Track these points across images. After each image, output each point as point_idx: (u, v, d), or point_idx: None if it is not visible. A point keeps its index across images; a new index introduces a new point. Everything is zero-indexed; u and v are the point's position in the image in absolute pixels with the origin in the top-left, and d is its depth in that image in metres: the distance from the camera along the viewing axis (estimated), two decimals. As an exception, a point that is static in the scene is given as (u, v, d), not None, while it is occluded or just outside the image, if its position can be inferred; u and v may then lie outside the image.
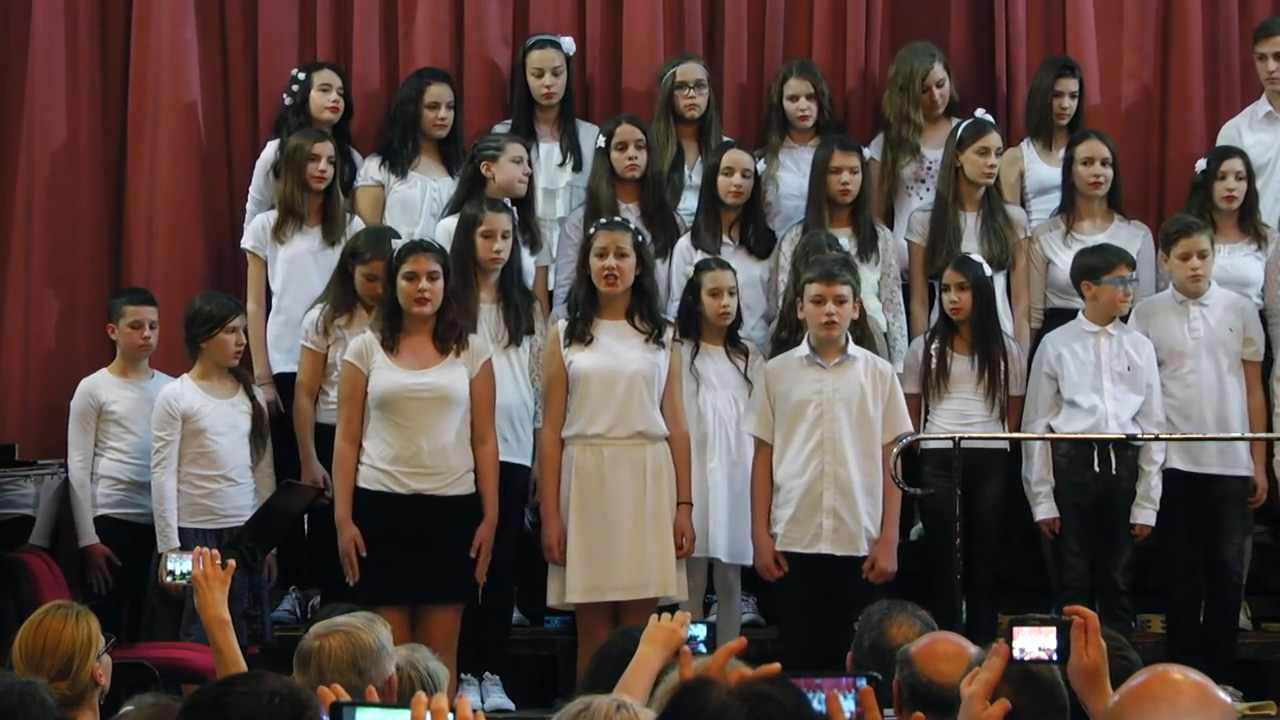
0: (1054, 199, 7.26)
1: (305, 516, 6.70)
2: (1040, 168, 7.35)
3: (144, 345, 6.72)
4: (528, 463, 6.64)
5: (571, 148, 7.30)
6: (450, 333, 6.26)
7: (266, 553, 6.45)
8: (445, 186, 7.20)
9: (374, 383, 6.23)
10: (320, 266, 6.89)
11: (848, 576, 6.25)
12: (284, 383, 6.86)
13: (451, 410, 6.22)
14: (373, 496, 6.21)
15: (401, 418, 6.21)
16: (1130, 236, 7.06)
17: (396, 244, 6.33)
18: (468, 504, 6.25)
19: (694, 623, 4.07)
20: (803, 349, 6.37)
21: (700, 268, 6.66)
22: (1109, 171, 7.06)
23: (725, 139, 7.25)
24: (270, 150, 7.21)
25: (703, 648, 4.03)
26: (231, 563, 4.45)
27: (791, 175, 7.28)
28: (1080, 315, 6.79)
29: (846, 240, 6.92)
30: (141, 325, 6.71)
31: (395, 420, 6.21)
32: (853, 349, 6.35)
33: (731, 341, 6.68)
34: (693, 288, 6.64)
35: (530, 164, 6.96)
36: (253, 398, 6.63)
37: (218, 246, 7.49)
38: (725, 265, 6.68)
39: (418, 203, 7.18)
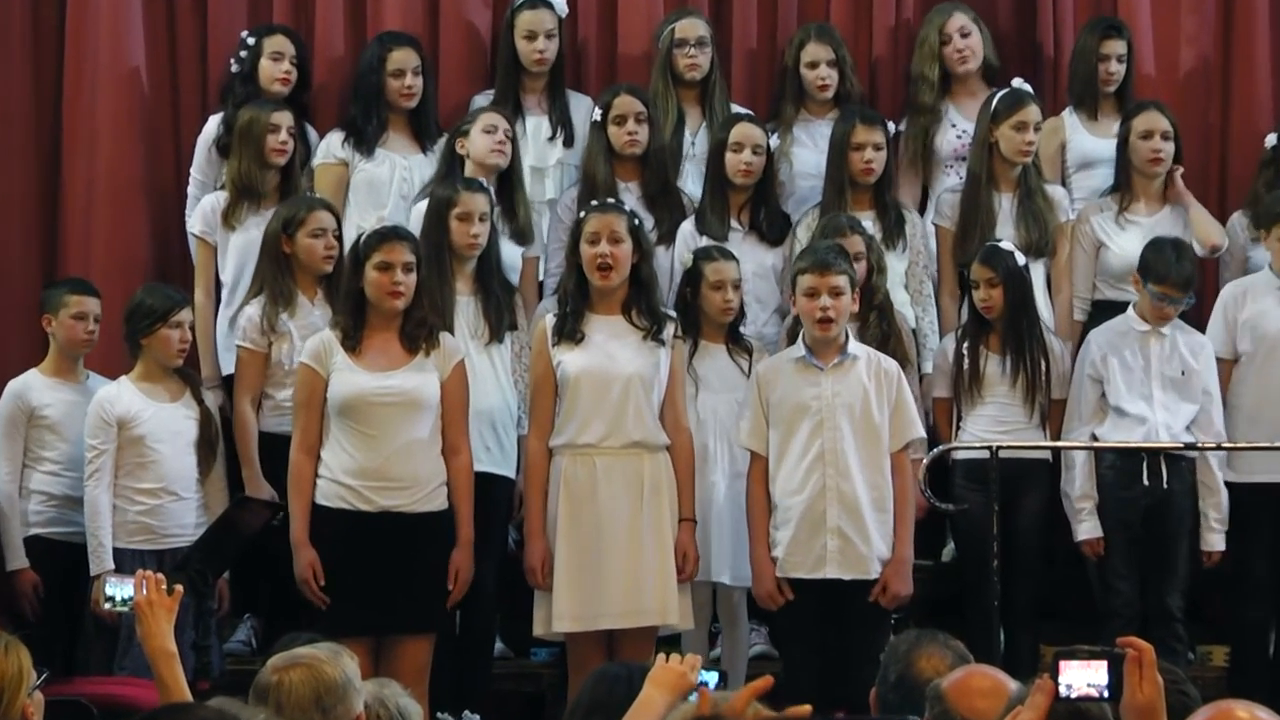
0: (1098, 174, 7.29)
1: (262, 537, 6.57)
2: (1083, 139, 7.36)
3: (88, 340, 6.73)
4: (511, 474, 6.65)
5: (562, 121, 7.31)
6: (419, 330, 6.26)
7: (218, 577, 6.45)
8: (417, 165, 7.22)
9: (334, 386, 6.22)
10: (278, 255, 6.89)
11: (858, 602, 6.24)
12: (232, 386, 6.83)
13: (421, 416, 6.22)
14: (333, 514, 6.21)
15: (365, 425, 6.20)
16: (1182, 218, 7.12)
17: (358, 228, 6.35)
18: (440, 521, 6.26)
19: (706, 669, 4.08)
20: (796, 349, 6.35)
21: (700, 257, 6.66)
22: (1170, 146, 7.08)
23: (735, 110, 7.27)
24: (212, 125, 7.23)
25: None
26: (179, 588, 4.46)
27: (808, 152, 7.28)
28: (1130, 310, 6.82)
29: (870, 224, 6.92)
30: (86, 317, 6.71)
31: (358, 428, 6.21)
32: (853, 346, 6.33)
33: (734, 339, 6.68)
34: (692, 279, 6.63)
35: (511, 134, 6.93)
36: (200, 401, 6.62)
37: (163, 232, 7.51)
38: (729, 255, 6.68)
39: (386, 183, 7.20)
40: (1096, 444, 6.66)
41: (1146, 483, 6.61)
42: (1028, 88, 7.14)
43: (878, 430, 6.26)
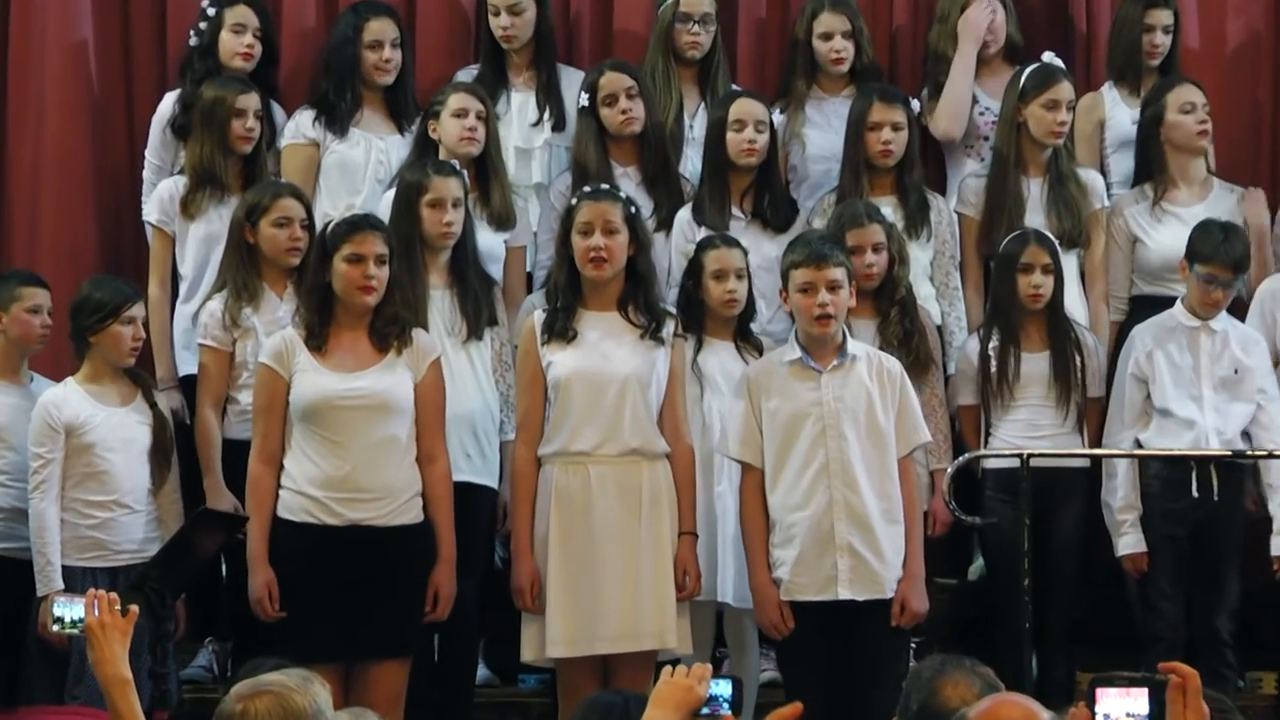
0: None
1: (223, 554, 6.60)
2: (1124, 116, 7.34)
3: (43, 335, 6.72)
4: (493, 484, 6.65)
5: (550, 99, 7.30)
6: (390, 328, 6.25)
7: (176, 597, 6.40)
8: (394, 146, 7.22)
9: (298, 389, 6.20)
10: (241, 247, 6.88)
11: (874, 624, 6.21)
12: (193, 387, 6.83)
13: (393, 421, 6.21)
14: (297, 529, 6.18)
15: (332, 431, 6.18)
16: (1232, 204, 7.11)
17: (330, 215, 6.33)
18: (415, 536, 6.24)
19: (716, 677, 4.03)
20: (790, 350, 6.32)
21: (703, 246, 6.63)
22: (1209, 122, 7.10)
23: (734, 88, 7.27)
24: (168, 103, 7.20)
25: (727, 708, 4.02)
26: (134, 609, 4.44)
27: (821, 132, 7.27)
28: (1177, 304, 6.82)
29: (890, 211, 6.90)
30: (40, 310, 6.69)
31: (324, 435, 6.18)
32: (852, 345, 6.29)
33: (743, 335, 6.65)
34: (693, 270, 6.61)
35: (485, 114, 6.91)
36: (154, 405, 6.57)
37: (114, 220, 7.50)
38: (732, 242, 6.65)
39: (361, 166, 7.20)
40: (1140, 452, 6.65)
41: (1196, 493, 6.60)
42: (1059, 63, 7.15)
43: (884, 436, 6.22)
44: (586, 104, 7.01)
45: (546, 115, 7.29)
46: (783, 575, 6.23)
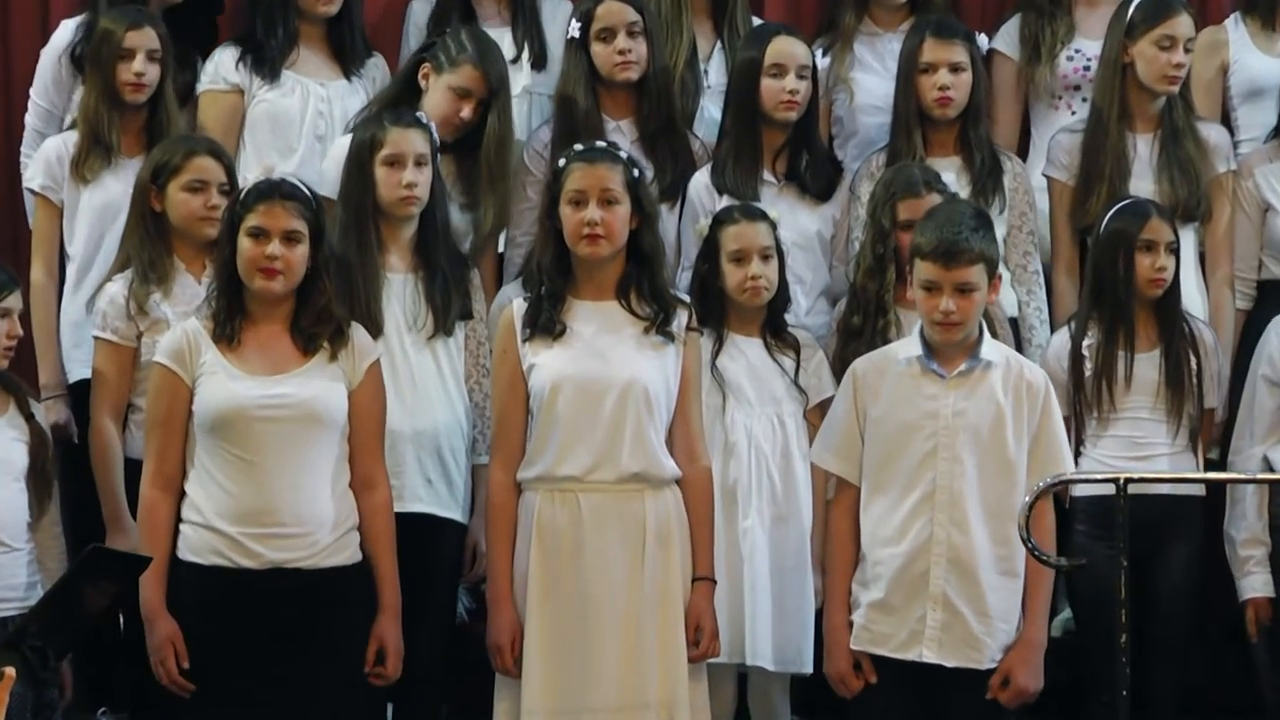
0: (1275, 107, 7.28)
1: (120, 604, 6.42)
2: (1255, 59, 7.43)
3: None
4: (461, 518, 6.60)
5: (530, 34, 7.38)
6: (319, 324, 6.17)
7: (62, 657, 6.19)
8: (338, 94, 7.27)
9: (203, 396, 6.11)
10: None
11: (964, 699, 6.19)
12: (84, 395, 6.79)
13: (322, 438, 6.12)
14: (203, 573, 6.08)
15: (246, 450, 6.07)
16: None
17: (257, 178, 6.24)
18: (351, 579, 6.15)
19: None
20: (910, 345, 6.27)
21: (719, 221, 6.64)
22: None
23: (762, 21, 7.37)
24: (66, 32, 7.19)
25: None
26: (10, 672, 4.32)
27: (875, 77, 7.36)
28: (1319, 290, 7.04)
29: (953, 176, 6.91)
30: None
31: (236, 454, 6.07)
32: (987, 348, 6.23)
33: (774, 331, 6.66)
34: (710, 250, 6.62)
35: (485, 101, 6.90)
36: (30, 418, 6.51)
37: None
38: (755, 214, 6.65)
39: (296, 118, 7.25)
40: (1272, 476, 6.57)
41: (1339, 527, 6.63)
42: (1176, -9, 7.26)
43: (1011, 465, 6.18)
44: (577, 35, 7.05)
45: (525, 54, 7.37)
46: (857, 619, 6.23)
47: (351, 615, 6.11)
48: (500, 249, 7.10)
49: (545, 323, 6.18)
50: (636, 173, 6.29)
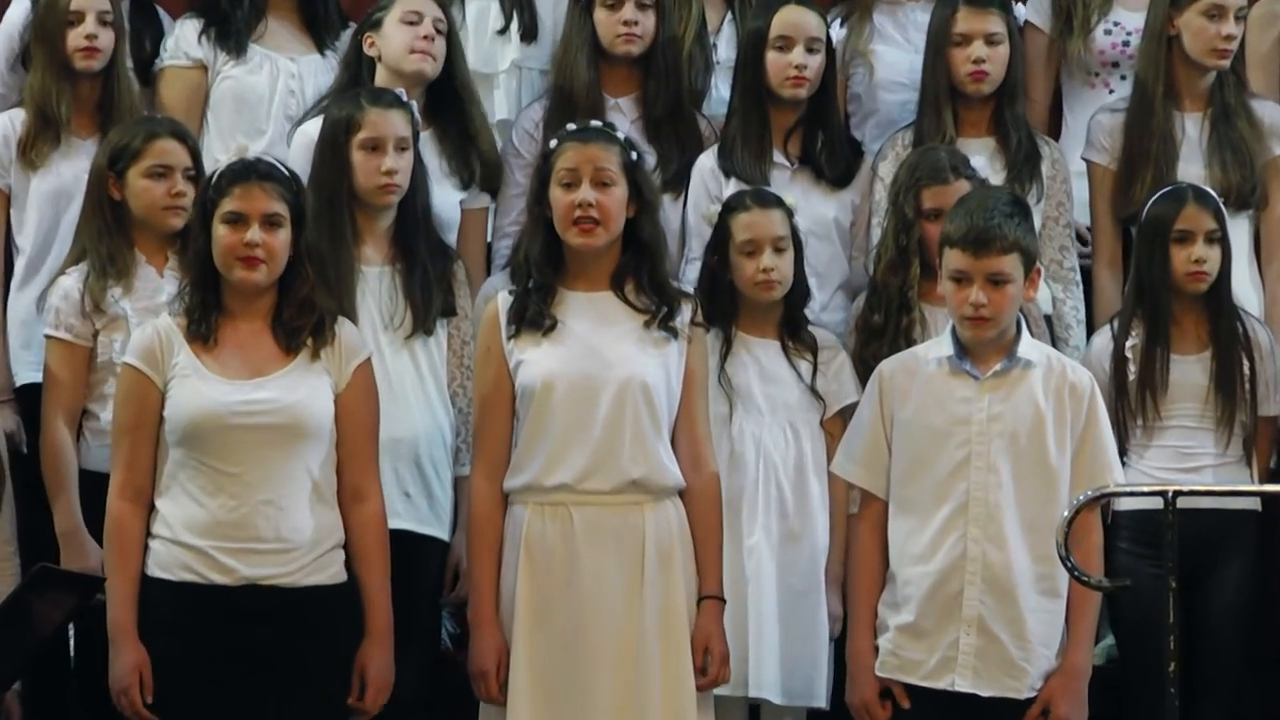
0: None
1: (72, 626, 6.51)
2: None
3: None
4: (444, 535, 6.57)
5: (519, 2, 7.42)
6: (301, 318, 6.10)
7: (7, 687, 6.28)
8: (309, 70, 7.29)
9: (175, 400, 6.03)
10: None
11: None
12: (32, 401, 6.78)
13: (306, 446, 6.05)
14: (174, 592, 5.99)
15: (223, 460, 6.01)
16: None
17: (219, 164, 6.17)
18: (335, 600, 6.07)
19: None
20: (941, 345, 6.23)
21: (729, 207, 6.60)
22: None
23: None
24: (21, 7, 7.17)
25: None
26: None
27: (897, 50, 7.38)
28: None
29: (986, 160, 6.90)
30: None
31: (211, 464, 6.01)
32: (1025, 346, 6.18)
33: (790, 329, 6.62)
34: (719, 240, 6.58)
35: (446, 26, 6.93)
36: None
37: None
38: (769, 200, 6.61)
39: (265, 96, 7.27)
40: None
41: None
42: (1226, -44, 7.15)
43: (1054, 475, 6.13)
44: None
45: (515, 24, 7.40)
46: (884, 644, 6.18)
47: (334, 638, 6.06)
48: (488, 239, 7.09)
49: (533, 316, 6.13)
50: (634, 154, 6.23)
